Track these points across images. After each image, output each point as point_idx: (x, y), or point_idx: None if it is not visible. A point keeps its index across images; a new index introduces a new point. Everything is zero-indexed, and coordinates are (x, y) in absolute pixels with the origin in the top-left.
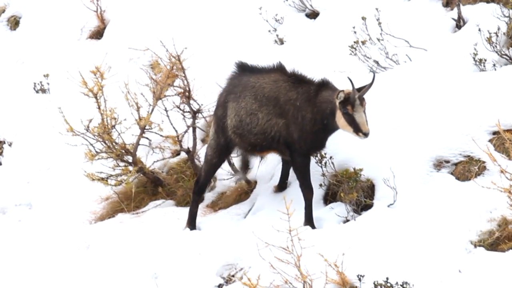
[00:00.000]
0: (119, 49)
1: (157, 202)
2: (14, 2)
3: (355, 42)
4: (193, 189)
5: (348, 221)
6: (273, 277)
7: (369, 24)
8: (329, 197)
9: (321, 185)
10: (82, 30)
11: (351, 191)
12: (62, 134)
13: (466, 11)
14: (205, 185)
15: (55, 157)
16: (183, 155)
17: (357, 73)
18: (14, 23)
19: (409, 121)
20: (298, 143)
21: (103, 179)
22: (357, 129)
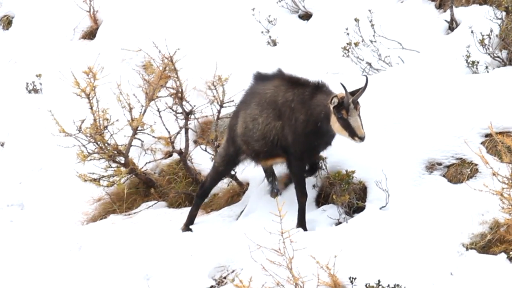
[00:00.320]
0: (111, 50)
1: (149, 203)
2: (6, 1)
3: (347, 43)
4: (196, 192)
5: (340, 223)
6: (265, 279)
7: (362, 25)
8: (322, 199)
9: (314, 186)
10: (74, 30)
11: (343, 193)
12: (54, 135)
13: (459, 13)
14: (209, 190)
15: (47, 157)
16: (176, 156)
17: (350, 75)
18: (6, 22)
19: (402, 123)
20: (293, 147)
21: (95, 180)
22: (353, 134)
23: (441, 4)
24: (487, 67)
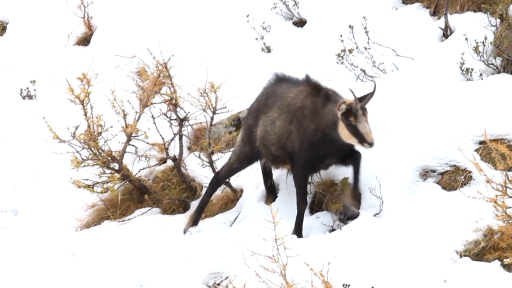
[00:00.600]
0: (106, 56)
1: (143, 209)
2: (0, 7)
3: (342, 50)
4: (210, 180)
5: (334, 230)
6: (259, 286)
7: (356, 32)
8: (315, 206)
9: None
10: (69, 36)
11: (337, 200)
12: (47, 141)
13: (453, 20)
14: (223, 180)
15: (41, 163)
16: (170, 162)
17: (344, 82)
18: (0, 28)
19: (396, 130)
20: (298, 154)
21: (89, 186)
22: (362, 140)
23: (435, 11)
24: (481, 74)
